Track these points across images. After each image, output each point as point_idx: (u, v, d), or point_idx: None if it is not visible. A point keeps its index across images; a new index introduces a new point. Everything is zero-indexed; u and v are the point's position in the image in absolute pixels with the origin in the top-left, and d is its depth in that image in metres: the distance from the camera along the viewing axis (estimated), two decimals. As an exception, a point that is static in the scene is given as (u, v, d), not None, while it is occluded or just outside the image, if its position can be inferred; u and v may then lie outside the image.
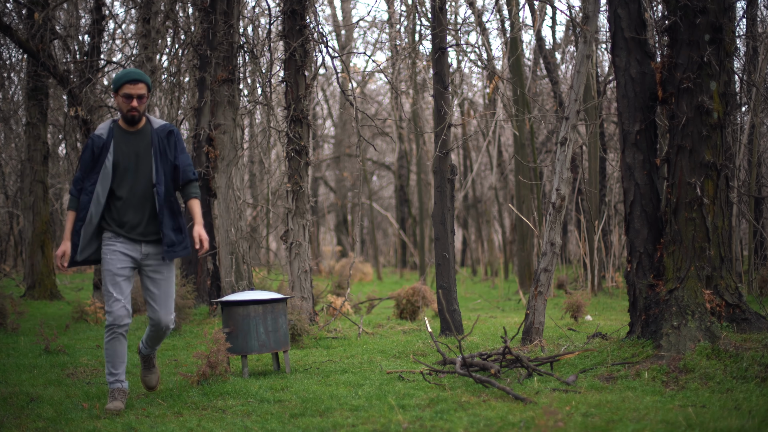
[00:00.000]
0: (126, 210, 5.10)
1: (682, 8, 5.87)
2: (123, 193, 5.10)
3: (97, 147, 5.11)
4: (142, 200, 5.13)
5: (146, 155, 5.15)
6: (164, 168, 5.17)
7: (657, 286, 5.90)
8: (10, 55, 16.05)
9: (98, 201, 5.07)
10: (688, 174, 5.84)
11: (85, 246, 5.09)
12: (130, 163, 5.13)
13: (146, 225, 5.14)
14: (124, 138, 5.16)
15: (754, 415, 4.19)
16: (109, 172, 5.07)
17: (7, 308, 9.21)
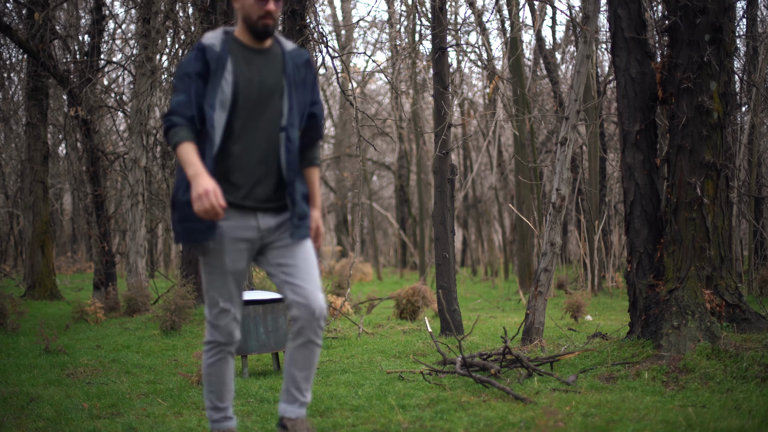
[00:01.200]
0: (241, 163, 3.53)
1: (682, 8, 5.86)
2: (239, 137, 3.52)
3: (211, 60, 3.50)
4: (265, 150, 3.55)
5: (276, 86, 3.58)
6: (299, 108, 3.64)
7: (657, 286, 5.90)
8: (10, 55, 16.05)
9: (210, 143, 3.48)
10: (688, 174, 5.84)
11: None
12: (252, 94, 3.53)
13: (266, 187, 3.58)
14: (246, 57, 3.58)
15: (754, 415, 4.19)
16: (227, 99, 3.48)
17: (7, 308, 9.21)
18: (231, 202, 3.51)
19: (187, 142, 3.39)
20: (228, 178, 3.52)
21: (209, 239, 3.50)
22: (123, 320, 10.33)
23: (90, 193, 12.60)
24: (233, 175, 3.52)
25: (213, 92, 3.46)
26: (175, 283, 11.85)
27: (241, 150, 3.51)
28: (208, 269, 3.60)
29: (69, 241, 28.99)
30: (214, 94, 3.46)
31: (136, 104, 11.33)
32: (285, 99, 3.57)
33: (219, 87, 3.47)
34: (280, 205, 3.62)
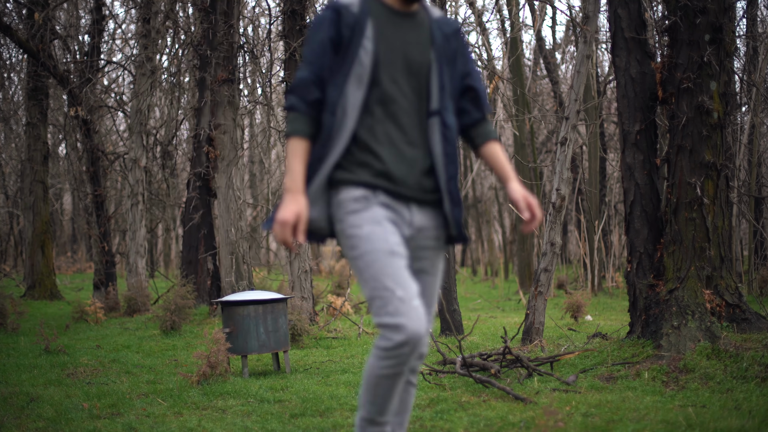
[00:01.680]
0: (388, 144, 2.85)
1: (682, 8, 5.86)
2: (379, 122, 2.84)
3: (346, 25, 2.83)
4: (414, 132, 2.89)
5: (423, 60, 2.90)
6: (451, 87, 2.97)
7: (657, 286, 5.90)
8: (11, 55, 16.07)
9: (343, 124, 2.81)
10: (688, 174, 5.84)
11: (311, 204, 2.83)
12: (397, 65, 2.86)
13: (420, 175, 2.89)
14: (390, 21, 2.88)
15: (754, 415, 4.19)
16: (366, 71, 2.79)
17: (7, 308, 9.21)
18: (385, 188, 2.83)
19: (298, 138, 2.80)
20: (368, 161, 2.83)
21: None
22: (123, 320, 10.33)
23: (90, 193, 12.60)
24: (380, 158, 2.84)
25: (347, 64, 2.80)
26: (175, 283, 11.86)
27: (381, 138, 2.84)
28: (367, 255, 2.76)
29: (69, 241, 28.99)
30: (348, 67, 2.80)
31: (136, 104, 11.33)
32: (434, 77, 2.90)
33: (356, 57, 2.79)
34: (436, 198, 2.93)
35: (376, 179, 2.81)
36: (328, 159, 2.80)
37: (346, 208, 2.80)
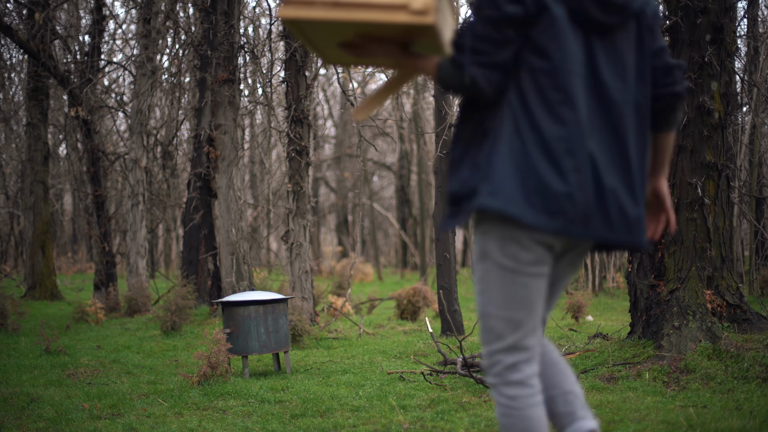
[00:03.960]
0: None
1: (683, 8, 5.86)
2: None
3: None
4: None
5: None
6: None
7: (658, 286, 5.90)
8: (11, 56, 16.07)
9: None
10: (689, 174, 5.83)
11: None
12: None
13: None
14: None
15: (755, 416, 4.19)
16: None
17: (8, 309, 9.21)
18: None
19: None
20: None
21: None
22: (123, 321, 10.33)
23: (90, 193, 12.61)
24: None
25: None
26: (176, 283, 11.85)
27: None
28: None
29: (69, 242, 29.00)
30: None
31: (137, 104, 11.33)
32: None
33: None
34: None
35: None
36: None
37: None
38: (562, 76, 2.33)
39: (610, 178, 2.38)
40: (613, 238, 2.39)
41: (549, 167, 2.30)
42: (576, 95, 2.34)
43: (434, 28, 2.35)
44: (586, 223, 2.33)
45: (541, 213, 2.29)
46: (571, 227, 2.31)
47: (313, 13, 2.39)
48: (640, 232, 2.43)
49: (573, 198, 2.30)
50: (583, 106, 2.35)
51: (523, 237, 2.35)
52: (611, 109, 2.39)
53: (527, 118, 2.33)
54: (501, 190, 2.30)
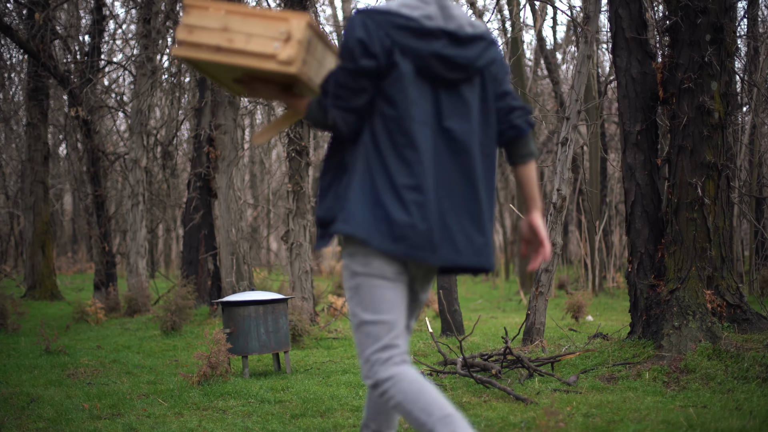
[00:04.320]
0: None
1: (683, 8, 5.86)
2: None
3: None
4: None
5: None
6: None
7: (658, 286, 5.90)
8: (11, 56, 16.07)
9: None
10: (689, 174, 5.83)
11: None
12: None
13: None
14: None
15: (755, 416, 4.19)
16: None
17: (8, 309, 9.21)
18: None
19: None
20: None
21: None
22: (123, 321, 10.33)
23: (90, 193, 12.61)
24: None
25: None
26: (176, 283, 11.85)
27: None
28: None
29: (69, 242, 29.00)
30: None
31: (137, 104, 11.33)
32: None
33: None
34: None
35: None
36: None
37: None
38: (407, 122, 2.71)
39: (456, 210, 2.77)
40: (461, 262, 2.78)
41: (394, 201, 2.69)
42: (419, 139, 2.72)
43: (298, 77, 2.75)
44: (433, 249, 2.71)
45: (387, 239, 2.68)
46: (413, 252, 2.69)
47: (200, 55, 2.81)
48: (487, 256, 2.84)
49: (415, 227, 2.68)
50: (429, 148, 2.74)
51: (382, 256, 2.74)
52: (458, 150, 2.79)
53: (377, 158, 2.72)
54: (353, 218, 2.69)
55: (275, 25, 2.78)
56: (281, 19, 2.77)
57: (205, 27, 2.84)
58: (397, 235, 2.69)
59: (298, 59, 2.72)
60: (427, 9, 2.78)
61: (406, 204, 2.69)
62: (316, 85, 2.86)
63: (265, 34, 2.78)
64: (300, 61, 2.73)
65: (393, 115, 2.72)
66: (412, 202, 2.70)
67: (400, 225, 2.68)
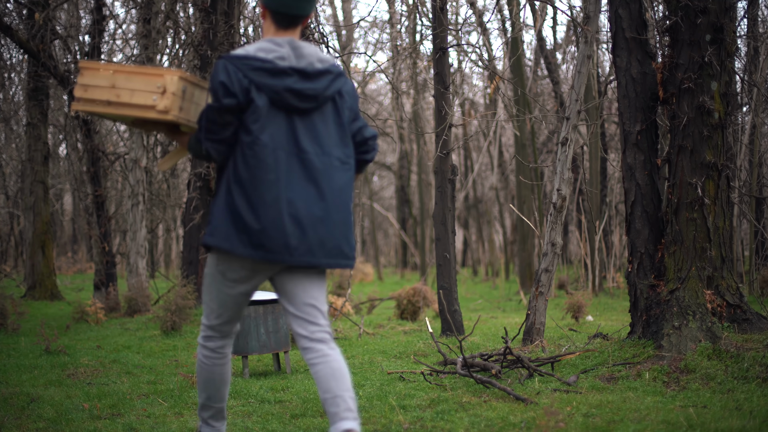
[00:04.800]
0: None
1: (683, 8, 5.86)
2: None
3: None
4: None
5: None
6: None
7: (658, 286, 5.90)
8: (11, 56, 16.05)
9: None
10: (689, 174, 5.83)
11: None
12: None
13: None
14: None
15: (755, 416, 4.19)
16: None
17: (8, 309, 9.21)
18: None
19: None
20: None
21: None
22: (123, 321, 10.33)
23: (90, 193, 12.60)
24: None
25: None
26: (176, 283, 11.85)
27: None
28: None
29: (69, 242, 28.99)
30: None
31: (137, 104, 11.30)
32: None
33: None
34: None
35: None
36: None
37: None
38: (260, 147, 3.28)
39: (311, 218, 3.32)
40: (315, 263, 3.35)
41: (250, 214, 3.27)
42: (271, 161, 3.28)
43: (176, 121, 3.40)
44: (290, 252, 3.29)
45: (248, 246, 3.29)
46: (271, 256, 3.28)
47: (96, 108, 3.43)
48: (336, 257, 3.40)
49: (269, 235, 3.26)
50: (283, 168, 3.29)
51: (234, 262, 3.39)
52: (312, 168, 3.35)
53: (236, 178, 3.30)
54: (217, 231, 3.32)
55: (153, 81, 3.38)
56: (158, 75, 3.38)
57: (97, 85, 3.44)
58: (255, 243, 3.28)
59: (173, 108, 3.35)
60: (280, 51, 3.34)
61: (260, 217, 3.27)
62: (195, 123, 3.46)
63: (146, 89, 3.38)
64: (176, 109, 3.36)
65: (249, 142, 3.28)
66: (267, 214, 3.27)
67: (257, 234, 3.27)
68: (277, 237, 3.27)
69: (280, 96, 3.30)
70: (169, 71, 3.37)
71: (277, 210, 3.27)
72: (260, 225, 3.26)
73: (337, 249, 3.40)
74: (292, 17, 3.44)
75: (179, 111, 3.40)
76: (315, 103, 3.38)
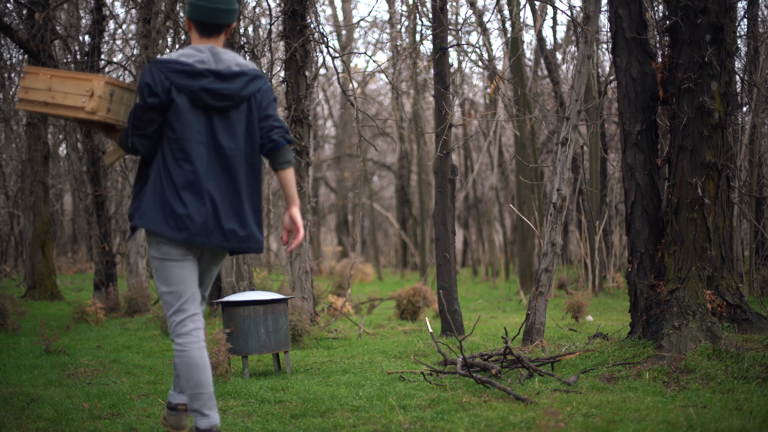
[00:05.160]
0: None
1: (683, 8, 5.86)
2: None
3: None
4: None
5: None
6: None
7: (658, 286, 5.90)
8: (11, 56, 16.05)
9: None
10: (689, 174, 5.83)
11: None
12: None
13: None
14: None
15: (755, 416, 4.19)
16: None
17: (8, 309, 9.21)
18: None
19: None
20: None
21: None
22: (123, 321, 10.33)
23: (90, 193, 12.60)
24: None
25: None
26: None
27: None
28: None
29: (69, 242, 28.98)
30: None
31: (137, 104, 11.31)
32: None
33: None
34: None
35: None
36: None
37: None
38: (183, 142, 3.71)
39: (225, 206, 3.78)
40: (229, 247, 3.81)
41: (176, 199, 3.69)
42: (194, 154, 3.71)
43: (105, 121, 3.83)
44: (207, 236, 3.74)
45: (173, 229, 3.70)
46: (193, 238, 3.71)
47: (35, 108, 3.88)
48: (248, 242, 3.83)
49: (192, 219, 3.70)
50: (203, 161, 3.73)
51: (167, 243, 3.75)
52: (226, 162, 3.79)
53: (164, 169, 3.71)
54: (146, 215, 3.71)
55: (83, 85, 3.79)
56: (86, 80, 3.79)
57: (36, 88, 3.87)
58: (179, 226, 3.70)
59: (100, 109, 3.78)
60: (200, 56, 3.77)
61: (185, 203, 3.69)
62: (126, 122, 3.88)
63: (77, 92, 3.80)
64: (103, 110, 3.79)
65: (173, 137, 3.71)
66: (190, 201, 3.70)
67: (181, 218, 3.69)
68: (198, 222, 3.72)
69: (198, 95, 3.72)
70: (96, 76, 3.81)
71: (199, 198, 3.72)
72: (185, 211, 3.70)
73: (249, 235, 3.85)
74: (213, 26, 3.84)
75: (107, 112, 3.82)
76: (231, 102, 3.80)
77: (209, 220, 3.74)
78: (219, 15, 3.83)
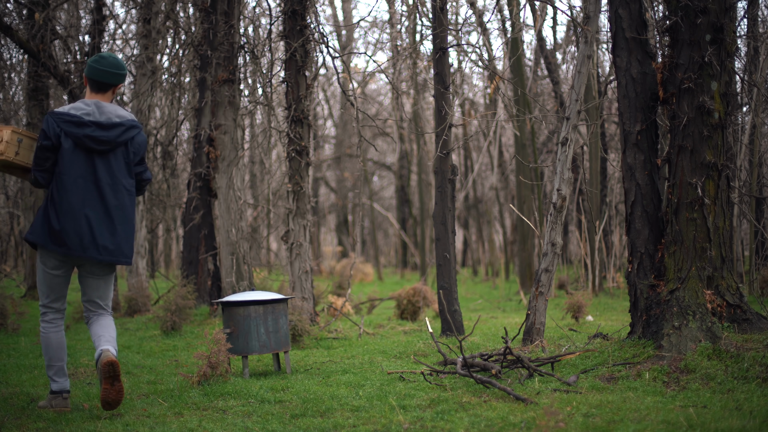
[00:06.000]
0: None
1: (683, 8, 5.86)
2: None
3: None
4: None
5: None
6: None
7: (658, 286, 5.90)
8: (11, 56, 16.05)
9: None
10: (689, 174, 5.83)
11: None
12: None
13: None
14: None
15: (755, 416, 4.19)
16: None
17: (8, 309, 9.21)
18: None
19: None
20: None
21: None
22: (123, 321, 10.32)
23: (90, 193, 12.57)
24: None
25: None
26: (176, 283, 11.85)
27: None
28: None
29: (70, 242, 28.90)
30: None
31: (137, 104, 11.33)
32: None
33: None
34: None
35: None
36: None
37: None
38: (64, 176, 4.84)
39: (99, 227, 4.88)
40: (102, 259, 4.90)
41: (57, 220, 4.81)
42: (72, 186, 4.84)
43: (14, 162, 4.97)
44: (84, 250, 4.83)
45: (54, 244, 4.82)
46: (70, 252, 4.83)
47: None
48: (119, 256, 4.95)
49: (69, 236, 4.81)
50: (80, 191, 4.85)
51: (51, 254, 4.89)
52: (102, 192, 4.91)
53: (52, 196, 4.83)
54: (34, 231, 4.85)
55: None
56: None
57: None
58: (59, 242, 4.81)
59: (8, 152, 4.89)
60: (87, 109, 4.90)
61: (62, 223, 4.80)
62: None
63: None
64: (11, 153, 4.90)
65: (59, 172, 4.84)
66: (67, 222, 4.80)
67: (59, 234, 4.80)
68: (75, 238, 4.81)
69: (81, 140, 4.85)
70: (5, 127, 4.87)
71: (77, 220, 4.81)
72: (63, 228, 4.79)
73: (118, 250, 4.94)
74: (102, 84, 4.98)
75: (14, 155, 4.91)
76: (109, 146, 4.92)
77: (85, 238, 4.82)
78: (108, 77, 4.96)
